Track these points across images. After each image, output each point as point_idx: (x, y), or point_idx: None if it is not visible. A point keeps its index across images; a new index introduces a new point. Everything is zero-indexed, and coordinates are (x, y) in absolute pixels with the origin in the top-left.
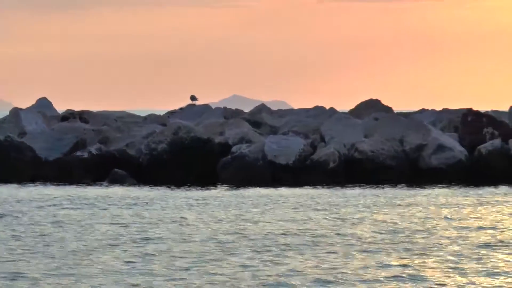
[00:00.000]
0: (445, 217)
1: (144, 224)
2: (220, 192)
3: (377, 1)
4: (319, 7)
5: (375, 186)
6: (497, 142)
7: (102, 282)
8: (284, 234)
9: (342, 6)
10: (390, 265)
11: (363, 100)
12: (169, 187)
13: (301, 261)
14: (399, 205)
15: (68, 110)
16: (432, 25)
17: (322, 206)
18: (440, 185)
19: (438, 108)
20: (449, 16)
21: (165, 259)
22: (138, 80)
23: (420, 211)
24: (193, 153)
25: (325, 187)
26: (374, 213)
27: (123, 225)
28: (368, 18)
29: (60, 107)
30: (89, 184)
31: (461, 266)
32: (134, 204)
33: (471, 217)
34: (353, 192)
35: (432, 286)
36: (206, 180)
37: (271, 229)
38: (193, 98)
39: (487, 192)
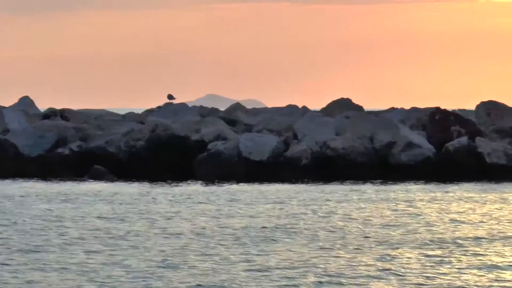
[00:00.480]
0: (410, 212)
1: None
2: (196, 188)
3: (347, 4)
4: (290, 11)
5: (346, 182)
6: (464, 140)
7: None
8: (261, 227)
9: (313, 9)
10: (357, 258)
11: (335, 99)
12: (147, 182)
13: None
14: (370, 200)
15: (50, 108)
16: (400, 27)
17: (297, 201)
18: (409, 181)
19: (407, 107)
20: (416, 18)
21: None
22: (117, 80)
23: (389, 206)
24: (171, 150)
25: (298, 183)
26: (345, 207)
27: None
28: (338, 20)
29: (42, 106)
30: (70, 180)
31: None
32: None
33: (438, 212)
34: (325, 188)
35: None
36: (183, 176)
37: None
38: (170, 97)
39: (453, 188)
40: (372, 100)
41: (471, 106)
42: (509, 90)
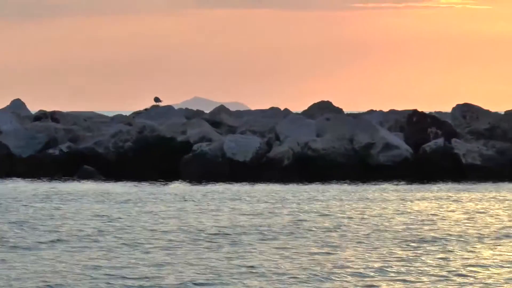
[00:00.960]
0: (389, 210)
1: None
2: (182, 187)
3: (327, 10)
4: (272, 17)
5: (326, 182)
6: (440, 141)
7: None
8: (239, 226)
9: (294, 15)
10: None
11: (315, 101)
12: (134, 182)
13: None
14: (349, 199)
15: (41, 110)
16: (378, 33)
17: (276, 199)
18: (387, 181)
19: (386, 109)
20: (394, 23)
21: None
22: (106, 83)
23: (368, 205)
24: (157, 150)
25: (279, 183)
26: (325, 206)
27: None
28: (318, 26)
29: (33, 108)
30: (59, 179)
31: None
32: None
33: (413, 211)
34: (305, 187)
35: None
36: (169, 176)
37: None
38: (157, 99)
39: (430, 187)
40: (351, 103)
41: (447, 108)
42: (484, 93)
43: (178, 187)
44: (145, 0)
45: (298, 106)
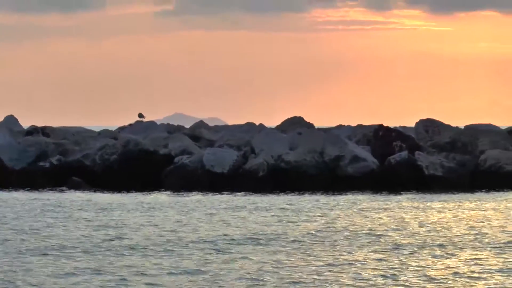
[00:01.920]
0: (356, 219)
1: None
2: (164, 197)
3: (298, 32)
4: (248, 38)
5: (298, 192)
6: (404, 153)
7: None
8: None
9: (268, 36)
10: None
11: (288, 117)
12: (119, 192)
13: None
14: (318, 208)
15: (32, 126)
16: (348, 53)
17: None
18: (355, 191)
19: (353, 124)
20: (362, 44)
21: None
22: (93, 100)
23: (336, 213)
24: (141, 163)
25: (255, 193)
26: (299, 216)
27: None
28: (290, 47)
29: (25, 123)
30: (50, 190)
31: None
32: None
33: (380, 218)
34: (278, 198)
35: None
36: (152, 186)
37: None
38: (140, 115)
39: (395, 197)
40: (322, 118)
41: (411, 123)
42: (445, 109)
43: (160, 197)
44: (129, 24)
45: (272, 121)
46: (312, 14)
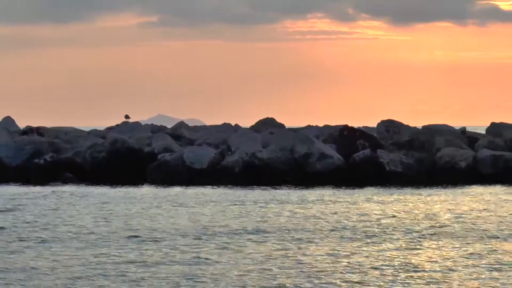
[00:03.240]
0: (325, 213)
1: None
2: (148, 190)
3: (270, 42)
4: (223, 47)
5: (270, 187)
6: (367, 151)
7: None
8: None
9: (242, 46)
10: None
11: (261, 118)
12: (107, 186)
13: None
14: (288, 202)
15: (28, 126)
16: (315, 60)
17: (229, 202)
18: (323, 186)
19: (321, 124)
20: (328, 53)
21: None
22: (83, 103)
23: (306, 207)
24: (127, 160)
25: (231, 188)
26: (270, 208)
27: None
28: (262, 55)
29: (21, 124)
30: (44, 184)
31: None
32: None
33: (345, 210)
34: (253, 192)
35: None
36: (137, 181)
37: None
38: (126, 117)
39: (359, 191)
40: (292, 119)
41: (373, 123)
42: (405, 111)
43: (145, 190)
44: (115, 35)
45: (247, 122)
46: (284, 25)
